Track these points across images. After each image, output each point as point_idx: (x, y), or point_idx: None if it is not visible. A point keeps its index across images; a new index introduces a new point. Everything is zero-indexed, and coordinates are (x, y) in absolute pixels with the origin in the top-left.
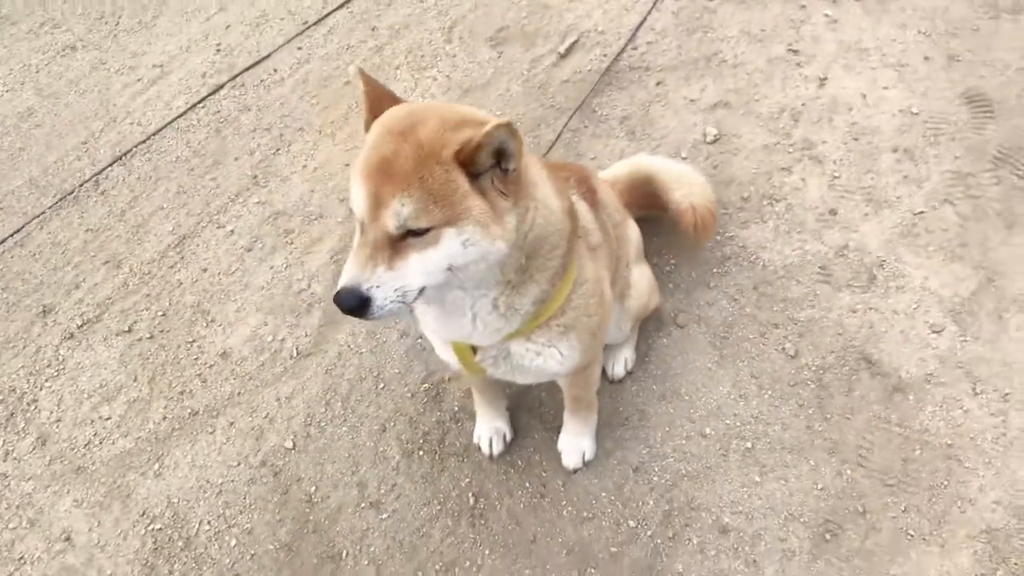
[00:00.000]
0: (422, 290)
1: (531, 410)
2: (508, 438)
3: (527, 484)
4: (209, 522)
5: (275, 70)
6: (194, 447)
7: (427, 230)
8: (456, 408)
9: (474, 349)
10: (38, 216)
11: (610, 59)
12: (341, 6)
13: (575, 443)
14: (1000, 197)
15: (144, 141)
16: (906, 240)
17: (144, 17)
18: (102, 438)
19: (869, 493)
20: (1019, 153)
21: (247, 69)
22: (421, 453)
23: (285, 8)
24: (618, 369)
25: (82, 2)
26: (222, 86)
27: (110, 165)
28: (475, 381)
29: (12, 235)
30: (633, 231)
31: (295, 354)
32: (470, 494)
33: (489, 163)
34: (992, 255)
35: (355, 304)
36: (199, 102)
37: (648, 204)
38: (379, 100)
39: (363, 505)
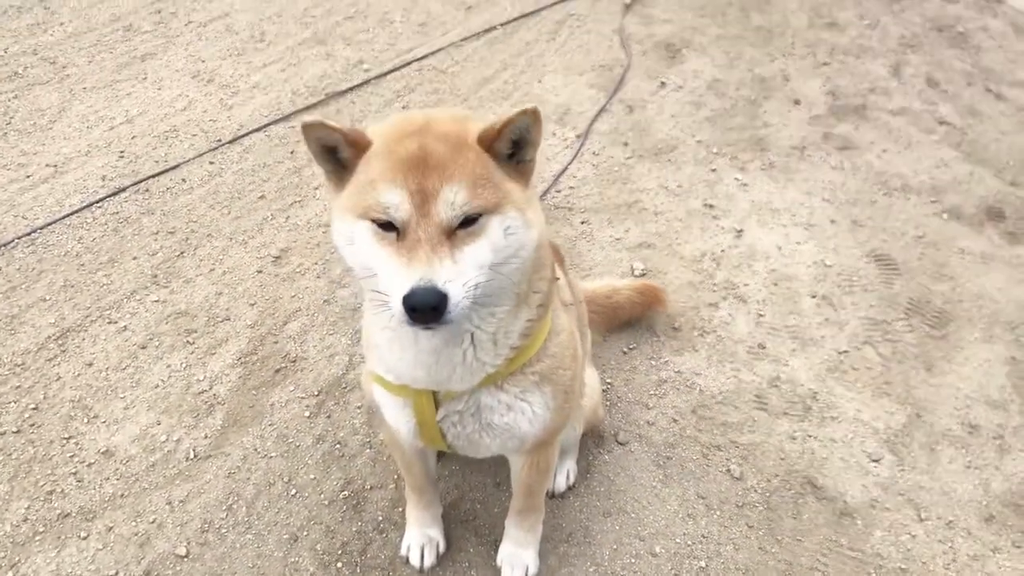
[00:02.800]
0: (476, 289)
1: (465, 522)
2: (441, 549)
3: None
4: None
5: (184, 180)
6: (60, 553)
7: (476, 219)
8: (380, 517)
9: (437, 405)
10: None
11: None
12: (257, 130)
13: (518, 556)
14: (916, 342)
15: (28, 234)
16: (835, 375)
17: (40, 120)
18: None
19: None
20: (928, 306)
21: (153, 176)
22: (340, 565)
23: (197, 127)
24: (560, 482)
25: None
26: (124, 189)
27: None
28: (416, 471)
29: None
30: (587, 330)
31: (192, 456)
32: None
33: (507, 151)
34: (916, 393)
35: (435, 300)
36: (97, 202)
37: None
38: (353, 133)
39: None
